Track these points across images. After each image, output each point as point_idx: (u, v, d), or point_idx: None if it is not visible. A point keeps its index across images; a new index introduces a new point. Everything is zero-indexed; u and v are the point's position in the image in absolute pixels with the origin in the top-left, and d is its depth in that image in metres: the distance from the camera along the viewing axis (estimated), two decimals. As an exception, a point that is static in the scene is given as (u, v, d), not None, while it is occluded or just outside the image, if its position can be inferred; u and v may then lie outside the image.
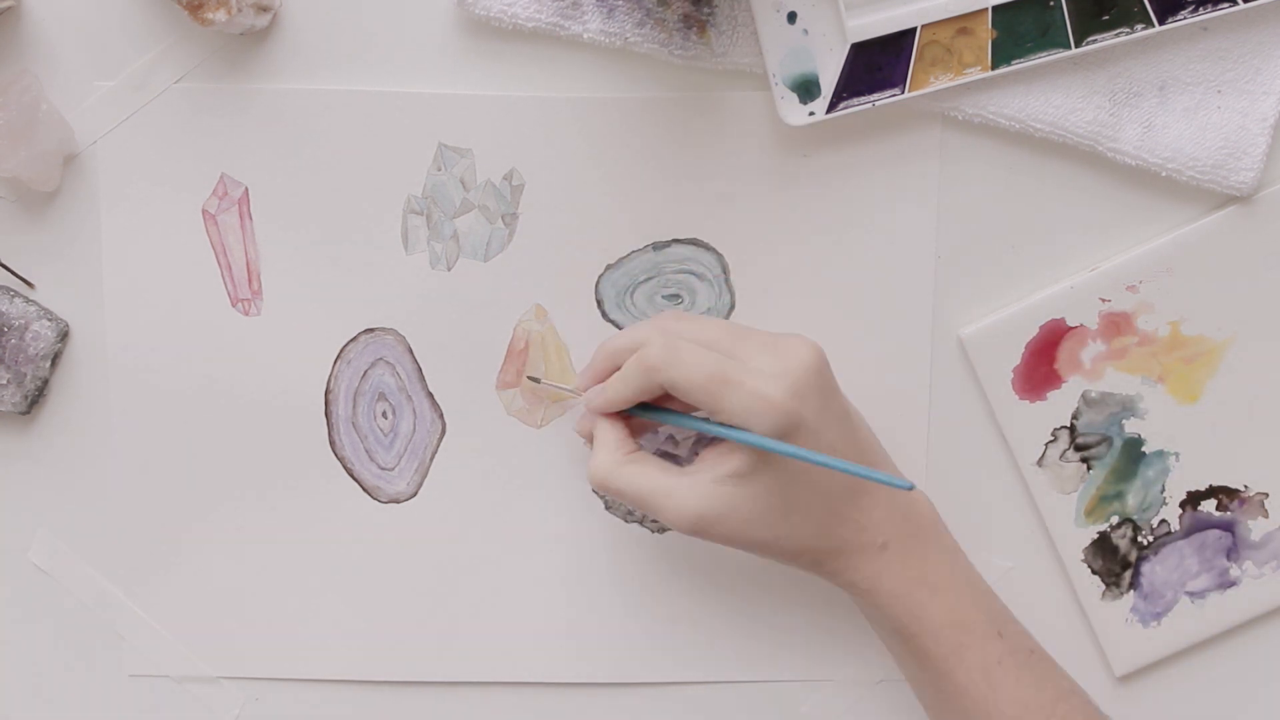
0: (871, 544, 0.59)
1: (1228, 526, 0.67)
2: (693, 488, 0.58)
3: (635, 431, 0.62)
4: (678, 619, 0.68)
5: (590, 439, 0.62)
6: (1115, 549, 0.67)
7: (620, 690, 0.68)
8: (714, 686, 0.68)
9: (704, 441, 0.66)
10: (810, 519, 0.58)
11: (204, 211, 0.66)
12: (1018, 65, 0.63)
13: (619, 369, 0.61)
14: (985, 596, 0.61)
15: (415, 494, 0.68)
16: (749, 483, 0.58)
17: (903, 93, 0.63)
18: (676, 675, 0.68)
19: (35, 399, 0.67)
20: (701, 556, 0.68)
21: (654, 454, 0.63)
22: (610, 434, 0.61)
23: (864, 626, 0.67)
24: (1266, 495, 0.66)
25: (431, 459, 0.67)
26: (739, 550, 0.61)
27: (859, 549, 0.59)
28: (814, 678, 0.68)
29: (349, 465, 0.68)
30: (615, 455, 0.60)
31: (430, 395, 0.67)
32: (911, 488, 0.54)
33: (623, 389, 0.60)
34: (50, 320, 0.66)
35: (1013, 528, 0.67)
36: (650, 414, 0.61)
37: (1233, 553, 0.67)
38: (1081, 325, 0.65)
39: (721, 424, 0.58)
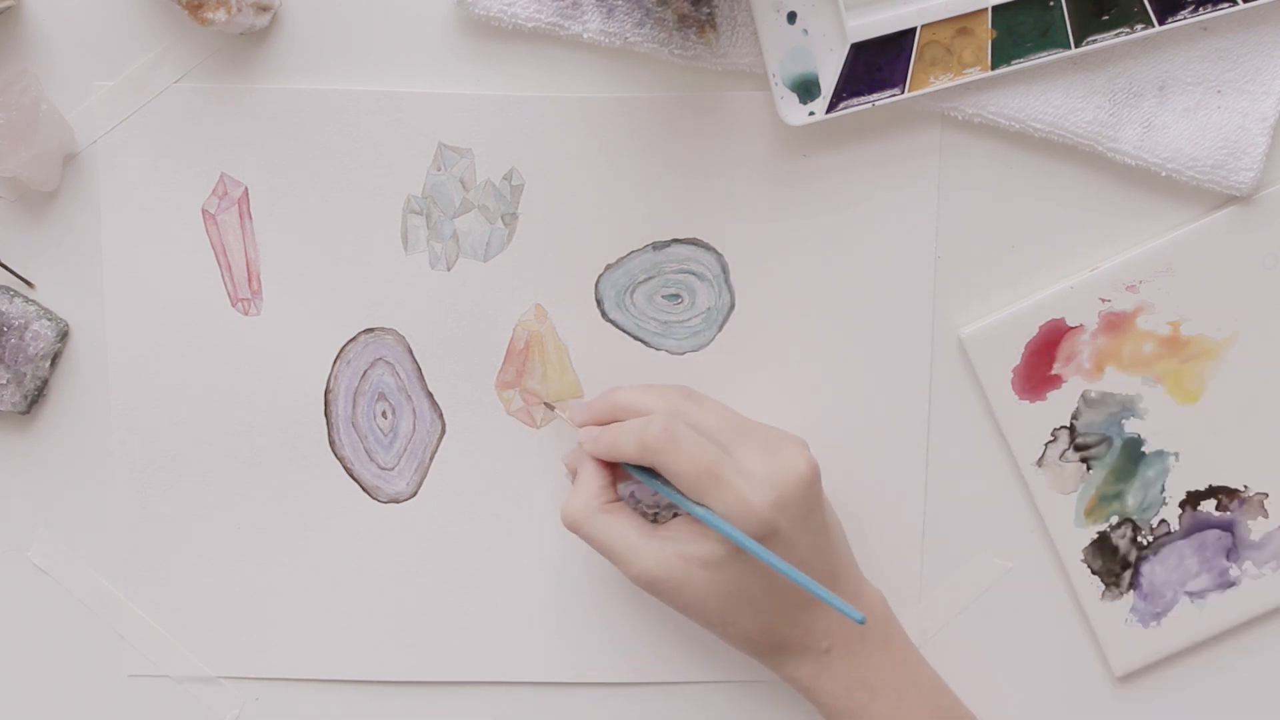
0: (815, 647, 0.61)
1: (1227, 526, 0.67)
2: (658, 555, 0.59)
3: (618, 477, 0.63)
4: (678, 619, 0.68)
5: (574, 475, 0.63)
6: (1115, 549, 0.67)
7: (619, 690, 0.68)
8: (714, 686, 0.68)
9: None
10: (760, 616, 0.60)
11: (204, 211, 0.66)
12: (1017, 65, 0.63)
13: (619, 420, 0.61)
14: (932, 695, 0.62)
15: (415, 494, 0.68)
16: (714, 570, 0.59)
17: (902, 93, 0.63)
18: (676, 675, 0.68)
19: (35, 399, 0.67)
20: (701, 556, 0.68)
21: (625, 498, 0.64)
22: (593, 479, 0.62)
23: (864, 626, 0.67)
24: (1266, 495, 0.66)
25: (431, 459, 0.67)
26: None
27: (802, 650, 0.61)
28: (814, 678, 0.68)
29: (349, 465, 0.68)
30: (592, 502, 0.61)
31: (430, 395, 0.67)
32: (863, 621, 0.55)
33: (617, 448, 0.60)
34: (50, 320, 0.66)
35: (1012, 528, 0.67)
36: (640, 474, 0.61)
37: (1232, 553, 0.67)
38: (1081, 325, 0.65)
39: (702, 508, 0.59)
